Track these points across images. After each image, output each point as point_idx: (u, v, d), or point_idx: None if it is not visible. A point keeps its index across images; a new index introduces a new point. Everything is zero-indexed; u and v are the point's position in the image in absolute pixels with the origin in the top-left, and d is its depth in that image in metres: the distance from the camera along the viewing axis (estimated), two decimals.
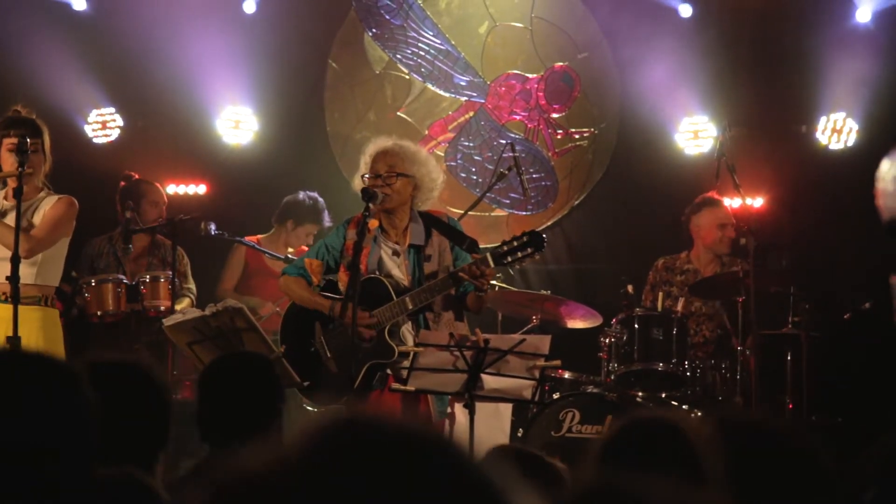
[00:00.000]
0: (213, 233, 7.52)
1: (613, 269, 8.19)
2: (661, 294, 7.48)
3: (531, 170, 8.99)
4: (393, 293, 5.64)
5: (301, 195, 8.10)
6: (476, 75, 9.20)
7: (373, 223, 5.68)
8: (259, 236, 8.08)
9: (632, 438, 2.00)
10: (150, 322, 7.29)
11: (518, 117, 9.19)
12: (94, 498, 1.90)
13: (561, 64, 9.13)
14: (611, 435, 2.01)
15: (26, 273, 5.78)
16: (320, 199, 8.11)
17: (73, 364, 1.93)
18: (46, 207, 6.04)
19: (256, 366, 3.83)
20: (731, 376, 7.16)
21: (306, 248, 7.96)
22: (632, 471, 1.96)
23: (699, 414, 6.92)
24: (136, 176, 7.94)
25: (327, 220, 8.05)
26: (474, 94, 9.21)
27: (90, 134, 9.13)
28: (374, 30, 9.24)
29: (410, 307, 5.62)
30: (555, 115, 9.16)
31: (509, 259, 5.56)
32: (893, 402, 7.03)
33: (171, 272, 7.39)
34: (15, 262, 5.62)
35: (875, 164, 8.58)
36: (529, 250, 5.52)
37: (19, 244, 5.70)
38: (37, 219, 6.00)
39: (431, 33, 9.20)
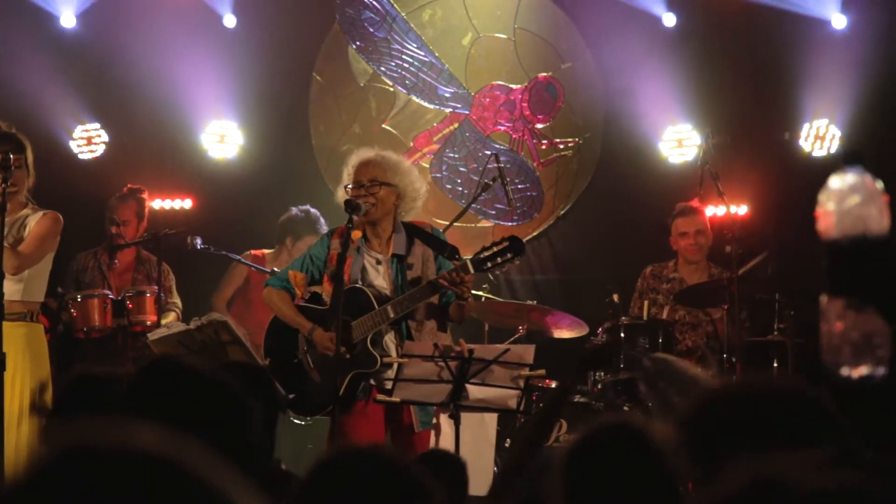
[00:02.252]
0: (199, 247, 7.53)
1: (599, 279, 8.19)
2: (646, 302, 7.50)
3: (516, 180, 9.01)
4: (374, 302, 5.65)
5: (294, 211, 8.17)
6: (460, 87, 9.22)
7: (356, 234, 5.69)
8: (265, 251, 8.11)
9: (597, 445, 2.01)
10: (136, 337, 7.29)
11: (503, 128, 9.21)
12: None
13: (545, 74, 9.16)
14: (576, 442, 2.03)
15: (11, 289, 5.76)
16: (312, 210, 8.18)
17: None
18: (32, 223, 6.03)
19: (253, 376, 3.83)
20: None
21: None
22: (597, 476, 1.98)
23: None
24: (144, 193, 7.92)
25: (324, 228, 8.10)
26: (459, 106, 9.24)
27: (75, 150, 9.13)
28: (357, 42, 9.27)
29: (392, 316, 5.62)
30: (539, 126, 9.18)
31: (489, 265, 5.57)
32: (879, 408, 7.04)
33: (156, 287, 7.40)
34: (0, 278, 5.61)
35: None
36: (509, 255, 5.54)
37: (6, 261, 5.70)
38: (23, 234, 5.99)
39: (415, 45, 9.22)
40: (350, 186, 5.76)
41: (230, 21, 9.10)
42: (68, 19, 9.09)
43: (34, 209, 6.08)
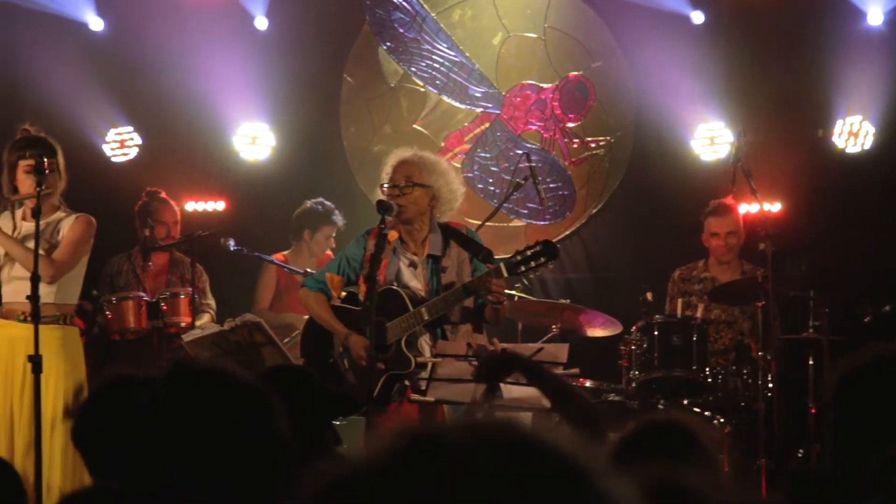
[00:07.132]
0: (232, 248, 7.57)
1: (632, 277, 8.16)
2: (680, 301, 7.47)
3: (548, 179, 8.99)
4: (409, 304, 5.65)
5: (308, 203, 8.17)
6: (491, 86, 9.22)
7: (392, 234, 5.69)
8: (284, 253, 8.12)
9: (645, 439, 2.01)
10: (171, 338, 7.32)
11: (534, 127, 9.20)
12: None
13: (575, 73, 9.14)
14: (625, 435, 2.03)
15: (45, 292, 5.79)
16: (327, 202, 8.17)
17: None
18: (65, 228, 6.06)
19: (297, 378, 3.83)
20: (753, 382, 7.14)
21: (330, 254, 7.99)
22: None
23: (721, 420, 6.92)
24: (163, 193, 7.98)
25: (340, 219, 8.10)
26: (489, 106, 9.23)
27: (108, 153, 9.18)
28: (388, 43, 9.27)
29: (426, 318, 5.62)
30: (570, 125, 9.16)
31: (523, 269, 5.55)
32: None
33: (190, 289, 7.44)
34: (35, 281, 5.64)
35: (892, 167, 8.55)
36: (543, 259, 5.51)
37: (43, 269, 5.73)
38: (57, 238, 6.02)
39: (445, 45, 9.22)
40: (386, 186, 5.77)
41: (261, 23, 9.13)
42: (95, 22, 9.13)
43: (67, 212, 6.12)
